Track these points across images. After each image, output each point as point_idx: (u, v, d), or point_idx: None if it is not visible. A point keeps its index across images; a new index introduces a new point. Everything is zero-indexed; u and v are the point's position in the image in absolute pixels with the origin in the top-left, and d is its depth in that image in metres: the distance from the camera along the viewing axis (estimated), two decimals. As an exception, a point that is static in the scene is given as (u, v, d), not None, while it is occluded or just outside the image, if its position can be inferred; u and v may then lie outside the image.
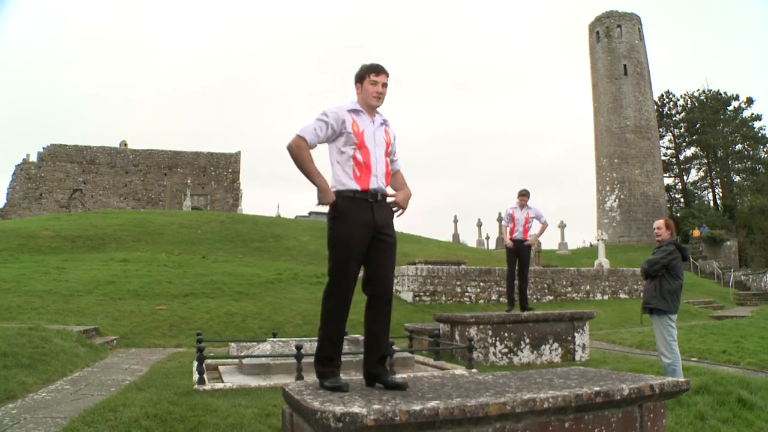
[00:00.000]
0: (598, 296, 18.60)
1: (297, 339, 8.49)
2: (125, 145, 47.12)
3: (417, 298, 15.76)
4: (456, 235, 38.10)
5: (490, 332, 8.10)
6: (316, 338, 3.63)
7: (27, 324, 10.03)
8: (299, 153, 3.52)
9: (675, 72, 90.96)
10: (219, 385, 6.37)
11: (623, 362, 8.19)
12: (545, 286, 17.81)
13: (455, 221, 38.31)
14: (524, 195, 9.66)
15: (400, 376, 6.52)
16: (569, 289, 18.18)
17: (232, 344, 9.29)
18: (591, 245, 38.07)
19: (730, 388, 5.80)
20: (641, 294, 19.41)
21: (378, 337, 3.62)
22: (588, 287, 18.57)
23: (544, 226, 9.65)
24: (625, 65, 39.82)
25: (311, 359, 7.05)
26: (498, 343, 8.15)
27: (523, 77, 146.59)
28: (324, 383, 3.38)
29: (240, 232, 26.50)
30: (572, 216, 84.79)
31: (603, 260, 23.75)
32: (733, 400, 5.41)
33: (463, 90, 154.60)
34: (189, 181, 40.58)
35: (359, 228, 3.54)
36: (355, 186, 3.59)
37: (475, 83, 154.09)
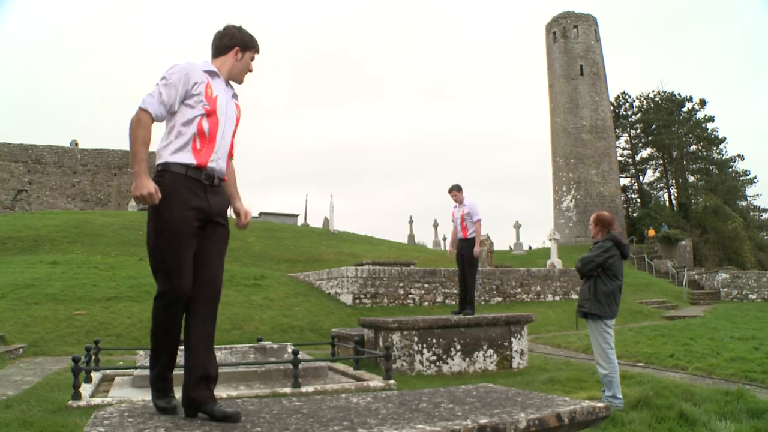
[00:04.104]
0: (549, 297, 18.08)
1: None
2: (76, 144, 45.37)
3: (357, 301, 15.01)
4: (411, 236, 37.59)
5: (416, 338, 7.35)
6: (224, 346, 2.84)
7: None
8: (134, 129, 2.74)
9: (631, 73, 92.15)
10: (97, 400, 5.59)
11: (564, 369, 7.54)
12: (494, 287, 17.21)
13: (410, 222, 37.84)
14: (452, 190, 8.94)
15: (305, 389, 5.77)
16: (519, 290, 17.62)
17: (141, 352, 8.44)
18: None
19: (672, 401, 5.15)
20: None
21: (202, 351, 2.84)
22: (539, 288, 18.03)
23: (477, 224, 8.80)
24: (581, 65, 39.73)
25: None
26: (425, 350, 7.41)
27: (490, 83, 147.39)
28: (157, 401, 2.78)
29: (184, 232, 25.43)
30: (533, 217, 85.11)
31: (555, 260, 23.31)
32: (674, 415, 4.75)
33: (435, 97, 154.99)
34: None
35: (190, 213, 2.79)
36: (190, 160, 2.82)
37: (449, 90, 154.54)
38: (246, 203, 3.25)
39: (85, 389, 5.95)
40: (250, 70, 3.14)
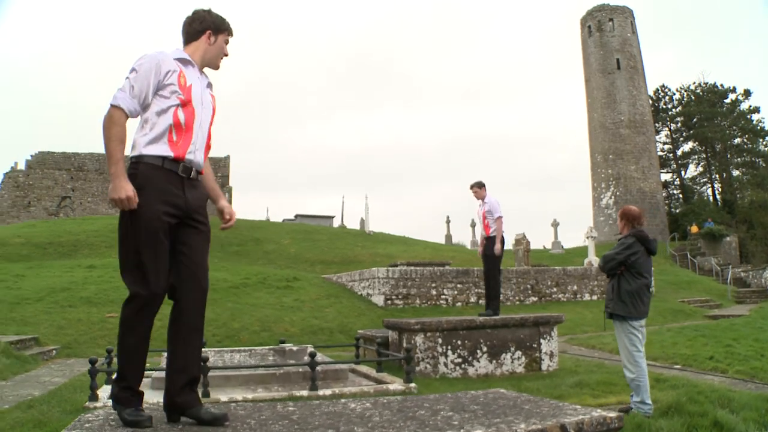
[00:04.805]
0: (587, 296, 17.61)
1: (230, 349, 7.59)
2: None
3: (389, 302, 14.86)
4: (449, 236, 37.26)
5: (439, 340, 7.15)
6: (244, 348, 2.73)
7: None
8: (108, 127, 2.61)
9: (670, 66, 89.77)
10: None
11: (595, 372, 7.24)
12: (529, 286, 16.85)
13: (447, 222, 37.53)
14: (473, 187, 8.76)
15: (323, 392, 5.64)
16: (555, 289, 17.21)
17: (166, 354, 8.43)
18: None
19: (706, 408, 4.80)
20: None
21: (186, 354, 2.74)
22: (575, 287, 17.59)
23: (498, 221, 8.56)
24: (618, 59, 38.76)
25: (220, 372, 6.23)
26: (450, 353, 7.20)
27: (526, 81, 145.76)
28: (123, 413, 2.54)
29: (218, 236, 25.64)
30: (572, 215, 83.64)
31: (593, 258, 22.71)
32: (707, 423, 4.42)
33: (471, 97, 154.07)
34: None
35: (167, 208, 2.66)
36: (166, 152, 2.70)
37: (484, 92, 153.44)
38: (233, 203, 3.12)
39: (105, 391, 5.94)
40: (226, 54, 3.00)
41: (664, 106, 48.53)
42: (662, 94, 48.55)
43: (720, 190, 46.40)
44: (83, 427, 2.50)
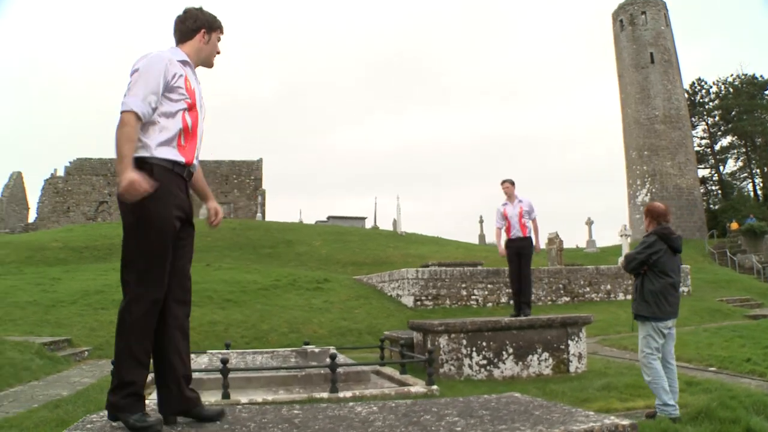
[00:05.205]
0: (621, 296, 17.22)
1: (252, 350, 7.60)
2: (151, 156, 47.43)
3: (418, 303, 14.77)
4: (482, 236, 36.86)
5: (464, 341, 7.04)
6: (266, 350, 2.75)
7: None
8: (121, 132, 2.54)
9: (706, 59, 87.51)
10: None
11: (625, 374, 7.04)
12: (561, 286, 16.57)
13: (480, 222, 37.14)
14: (506, 182, 8.62)
15: (343, 394, 5.61)
16: (587, 289, 16.88)
17: (192, 355, 8.52)
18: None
19: (739, 413, 4.55)
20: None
21: (184, 354, 2.73)
22: (608, 286, 17.22)
23: (535, 223, 8.57)
24: (651, 53, 37.90)
25: (241, 374, 6.23)
26: (474, 354, 7.08)
27: (558, 79, 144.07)
28: (129, 420, 2.46)
29: (251, 238, 25.90)
30: (607, 214, 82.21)
31: (628, 257, 22.29)
32: (739, 431, 4.22)
33: (502, 97, 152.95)
34: (206, 189, 40.67)
35: (177, 212, 2.67)
36: (177, 156, 2.69)
37: (515, 90, 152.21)
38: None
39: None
40: (219, 52, 2.96)
41: (701, 100, 47.37)
42: (698, 87, 47.40)
43: (761, 185, 45.08)
44: (85, 428, 2.49)
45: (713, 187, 47.54)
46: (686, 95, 42.00)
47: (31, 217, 44.05)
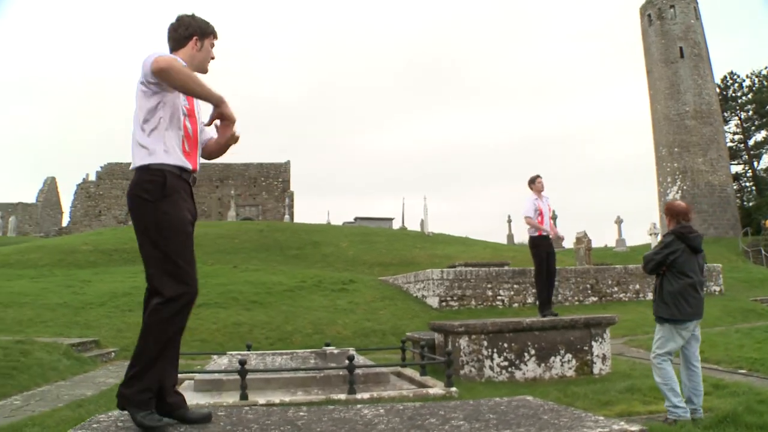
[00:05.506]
0: (650, 296, 16.82)
1: (272, 352, 7.61)
2: (181, 159, 48.07)
3: (443, 304, 14.67)
4: (510, 236, 36.63)
5: (485, 343, 6.95)
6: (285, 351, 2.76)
7: (17, 337, 9.83)
8: (177, 70, 2.56)
9: (739, 51, 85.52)
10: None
11: (650, 376, 6.77)
12: (588, 286, 16.32)
13: (509, 221, 36.92)
14: (540, 178, 8.57)
15: (360, 396, 5.58)
16: (616, 288, 16.59)
17: (214, 356, 8.62)
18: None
19: (767, 419, 4.41)
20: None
21: (174, 357, 2.74)
22: (637, 286, 16.90)
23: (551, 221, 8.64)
24: (681, 47, 37.18)
25: (258, 375, 6.24)
26: (495, 356, 6.98)
27: (585, 77, 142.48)
28: (137, 416, 2.49)
29: (278, 240, 26.03)
30: (638, 212, 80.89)
31: (658, 256, 21.86)
32: (767, 437, 4.07)
33: (530, 96, 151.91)
34: (233, 192, 41.12)
35: (188, 216, 2.75)
36: (183, 162, 2.74)
37: (542, 90, 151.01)
38: None
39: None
40: (213, 58, 2.98)
41: (733, 94, 46.28)
42: (730, 81, 46.33)
43: (798, 180, 43.93)
44: (90, 427, 2.51)
45: (747, 184, 46.41)
46: (718, 90, 41.08)
47: (65, 221, 45.04)
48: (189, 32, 2.88)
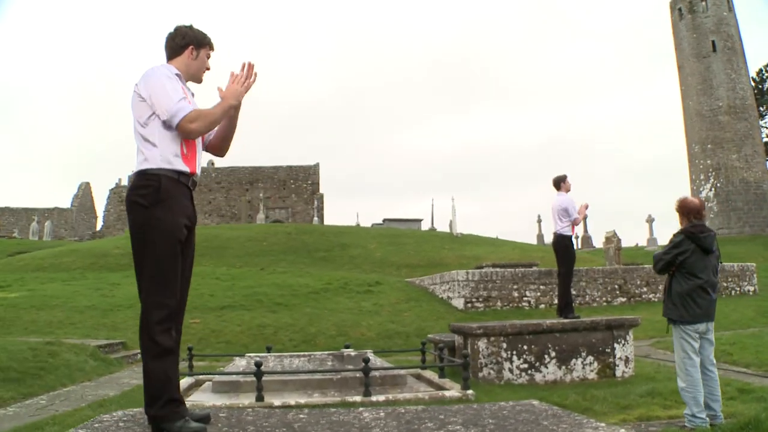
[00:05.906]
0: (681, 296, 16.52)
1: (291, 354, 7.66)
2: (212, 163, 48.38)
3: (469, 305, 14.58)
4: (540, 236, 36.29)
5: (504, 345, 6.87)
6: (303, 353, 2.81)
7: (46, 339, 10.02)
8: (205, 120, 2.79)
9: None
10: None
11: (674, 379, 6.61)
12: (616, 286, 16.04)
13: (539, 221, 36.62)
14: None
15: (376, 398, 5.55)
16: (644, 289, 16.29)
17: (236, 358, 8.70)
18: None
19: (792, 427, 4.24)
20: (734, 292, 17.26)
21: (177, 362, 2.77)
22: (667, 286, 16.56)
23: None
24: (713, 41, 36.34)
25: (274, 377, 6.26)
26: (515, 358, 6.90)
27: (616, 74, 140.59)
28: (173, 428, 2.51)
29: (306, 242, 26.16)
30: (670, 210, 79.27)
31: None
32: (790, 446, 3.92)
33: (559, 97, 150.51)
34: (261, 195, 41.48)
35: (185, 220, 2.77)
36: (182, 166, 2.78)
37: (572, 89, 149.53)
38: None
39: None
40: (208, 68, 3.06)
41: (769, 88, 45.11)
42: (766, 74, 45.13)
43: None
44: (93, 427, 2.54)
45: (785, 180, 45.14)
46: (753, 83, 40.05)
47: (99, 225, 45.93)
48: (185, 42, 2.96)
